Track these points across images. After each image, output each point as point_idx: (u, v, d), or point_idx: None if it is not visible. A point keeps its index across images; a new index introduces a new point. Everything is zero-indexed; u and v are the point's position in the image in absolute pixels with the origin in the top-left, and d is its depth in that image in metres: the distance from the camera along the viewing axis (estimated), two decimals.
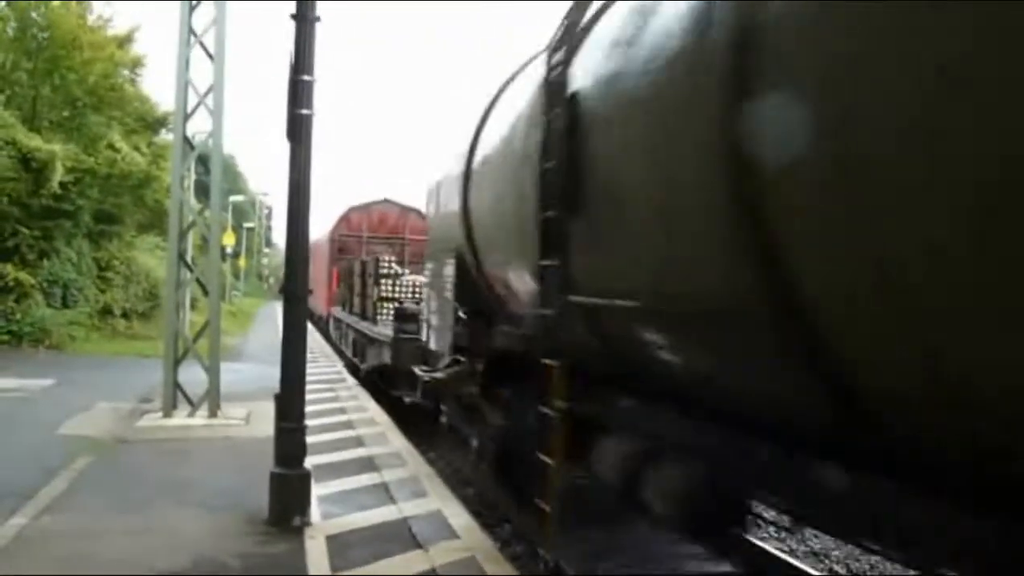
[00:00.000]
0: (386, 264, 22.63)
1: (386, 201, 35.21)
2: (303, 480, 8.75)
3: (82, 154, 27.96)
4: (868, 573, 9.25)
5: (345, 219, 35.47)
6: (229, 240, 46.49)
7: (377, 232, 34.44)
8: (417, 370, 12.69)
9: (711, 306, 4.60)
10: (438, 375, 11.39)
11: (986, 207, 2.89)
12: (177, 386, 14.48)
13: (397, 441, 13.22)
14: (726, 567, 8.61)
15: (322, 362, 25.55)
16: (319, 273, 32.78)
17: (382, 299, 21.58)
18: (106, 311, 30.53)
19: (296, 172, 8.81)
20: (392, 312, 18.99)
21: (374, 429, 14.21)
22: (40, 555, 7.46)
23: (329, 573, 7.25)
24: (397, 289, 21.66)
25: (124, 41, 31.64)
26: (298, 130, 8.79)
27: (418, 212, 30.11)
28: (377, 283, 21.99)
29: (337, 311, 31.00)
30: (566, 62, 6.58)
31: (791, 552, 9.53)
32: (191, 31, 14.50)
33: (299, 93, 8.77)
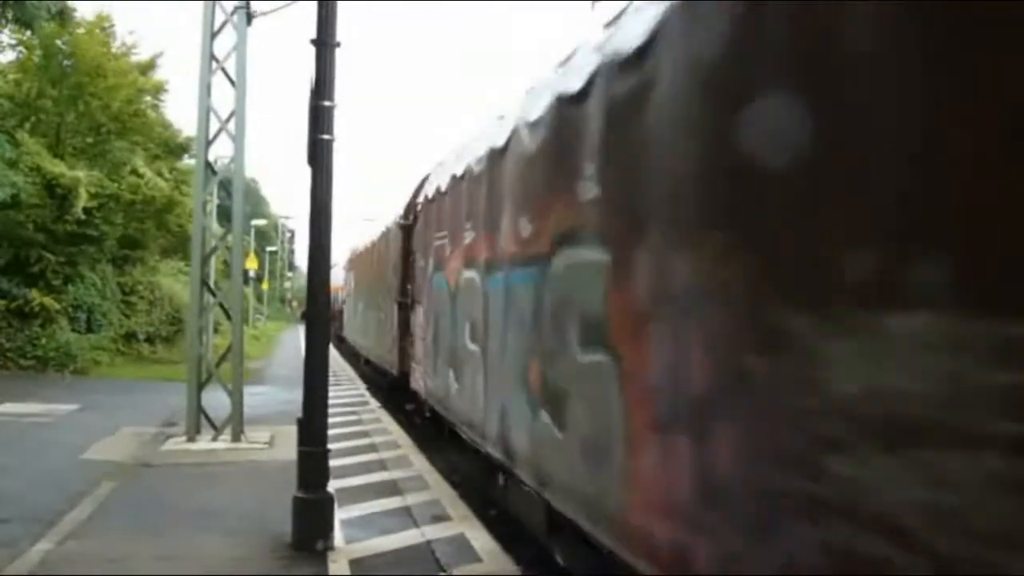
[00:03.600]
0: None
1: None
2: (326, 504, 8.76)
3: (106, 180, 28.14)
4: None
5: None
6: (252, 264, 46.64)
7: None
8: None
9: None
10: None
11: None
12: (201, 410, 14.54)
13: (419, 463, 13.21)
14: None
15: (345, 385, 25.58)
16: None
17: None
18: (130, 336, 30.70)
19: (317, 196, 8.86)
20: None
21: (396, 452, 14.21)
22: None
23: None
24: None
25: (147, 68, 31.85)
26: (319, 155, 8.84)
27: None
28: None
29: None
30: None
31: None
32: (213, 57, 14.63)
33: (319, 118, 8.83)
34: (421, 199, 15.51)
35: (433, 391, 13.00)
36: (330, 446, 9.02)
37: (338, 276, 36.89)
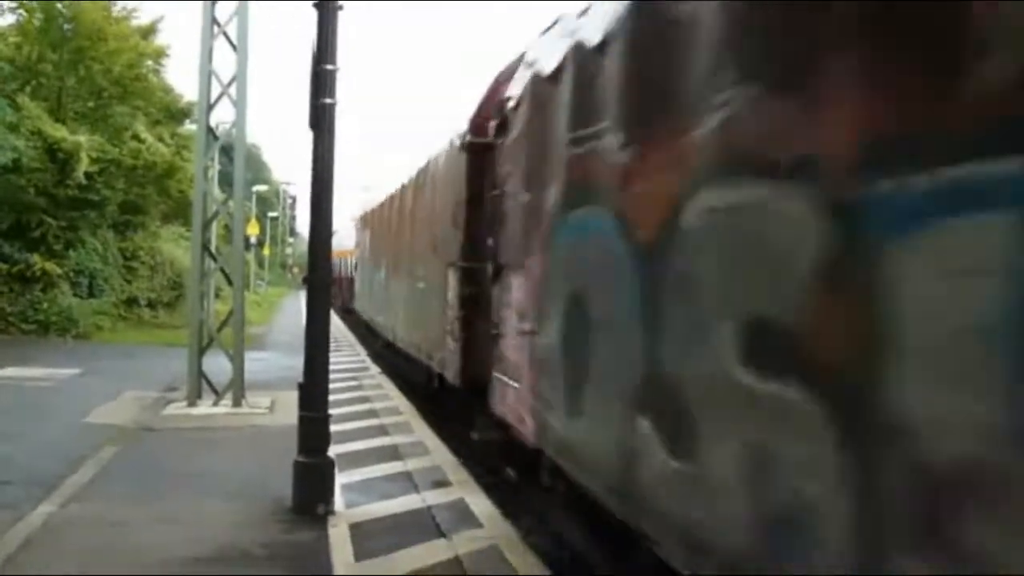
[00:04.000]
0: None
1: None
2: (326, 468, 8.78)
3: (107, 145, 28.07)
4: None
5: None
6: (253, 230, 46.58)
7: None
8: None
9: None
10: None
11: None
12: (202, 375, 14.55)
13: (420, 430, 13.24)
14: None
15: (346, 351, 25.62)
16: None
17: None
18: (131, 301, 30.73)
19: (319, 161, 8.82)
20: None
21: (398, 418, 14.24)
22: (67, 543, 7.53)
23: (352, 561, 7.28)
24: None
25: (148, 32, 31.69)
26: (321, 119, 8.79)
27: None
28: None
29: None
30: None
31: None
32: (214, 21, 14.54)
33: (322, 82, 8.78)
34: (519, 93, 8.75)
35: (567, 439, 6.72)
36: (331, 411, 9.04)
37: (345, 238, 35.25)
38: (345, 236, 35.50)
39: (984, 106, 2.71)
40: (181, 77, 71.86)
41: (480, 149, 10.72)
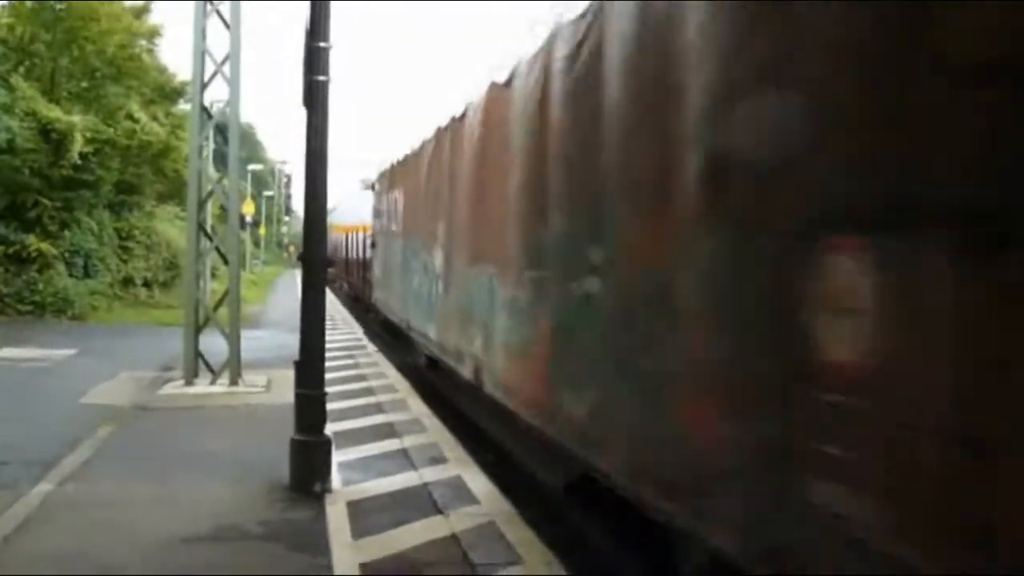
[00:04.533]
0: None
1: None
2: (323, 446, 8.78)
3: (101, 125, 28.00)
4: None
5: None
6: (248, 209, 46.37)
7: None
8: None
9: None
10: None
11: None
12: (198, 354, 14.55)
13: (417, 407, 13.25)
14: None
15: (342, 328, 25.61)
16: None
17: None
18: (127, 281, 30.73)
19: (313, 139, 8.79)
20: None
21: (394, 395, 14.25)
22: (65, 522, 7.54)
23: (350, 539, 7.30)
24: None
25: (141, 12, 31.60)
26: (314, 97, 8.76)
27: None
28: None
29: None
30: None
31: None
32: None
33: (315, 60, 8.74)
34: None
35: None
36: (327, 389, 9.04)
37: (350, 211, 32.48)
38: (350, 209, 33.38)
39: None
40: (175, 56, 71.40)
41: None
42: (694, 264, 4.76)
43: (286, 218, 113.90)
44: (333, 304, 29.39)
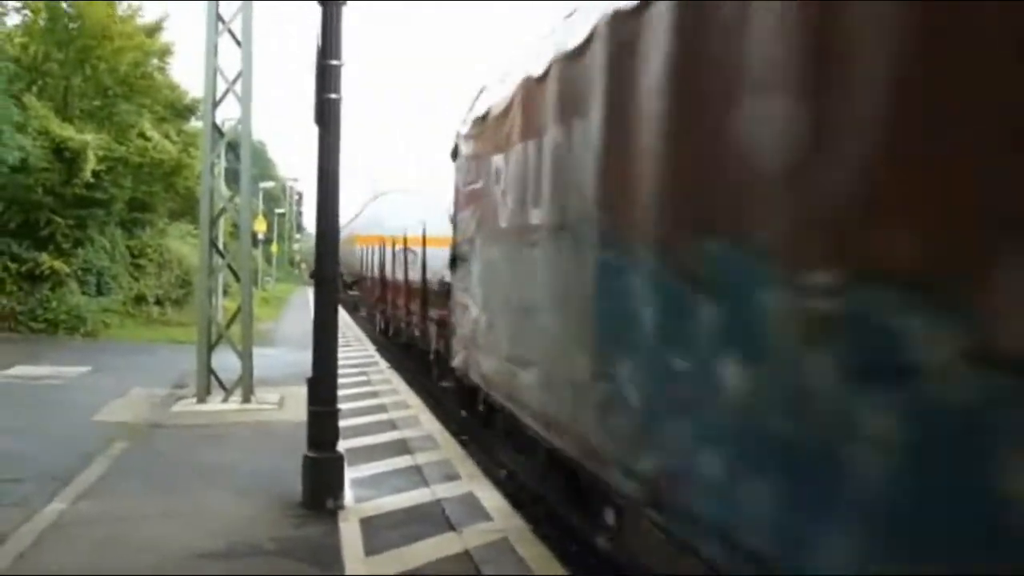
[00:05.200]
0: None
1: None
2: (336, 463, 8.80)
3: (114, 143, 28.10)
4: None
5: None
6: (260, 226, 46.59)
7: None
8: None
9: None
10: None
11: None
12: (211, 372, 14.58)
13: (429, 424, 13.26)
14: None
15: (355, 346, 25.64)
16: None
17: None
18: (140, 298, 30.76)
19: (325, 157, 8.84)
20: None
21: (406, 412, 14.26)
22: (80, 538, 7.57)
23: (363, 555, 7.31)
24: None
25: (153, 30, 31.72)
26: (326, 115, 8.81)
27: None
28: None
29: None
30: None
31: None
32: (219, 18, 14.55)
33: (327, 78, 8.80)
34: None
35: None
36: (340, 406, 9.07)
37: (388, 216, 28.75)
38: (387, 213, 28.40)
39: None
40: (186, 74, 72.00)
41: None
42: None
43: (297, 235, 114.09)
44: (344, 319, 29.37)
